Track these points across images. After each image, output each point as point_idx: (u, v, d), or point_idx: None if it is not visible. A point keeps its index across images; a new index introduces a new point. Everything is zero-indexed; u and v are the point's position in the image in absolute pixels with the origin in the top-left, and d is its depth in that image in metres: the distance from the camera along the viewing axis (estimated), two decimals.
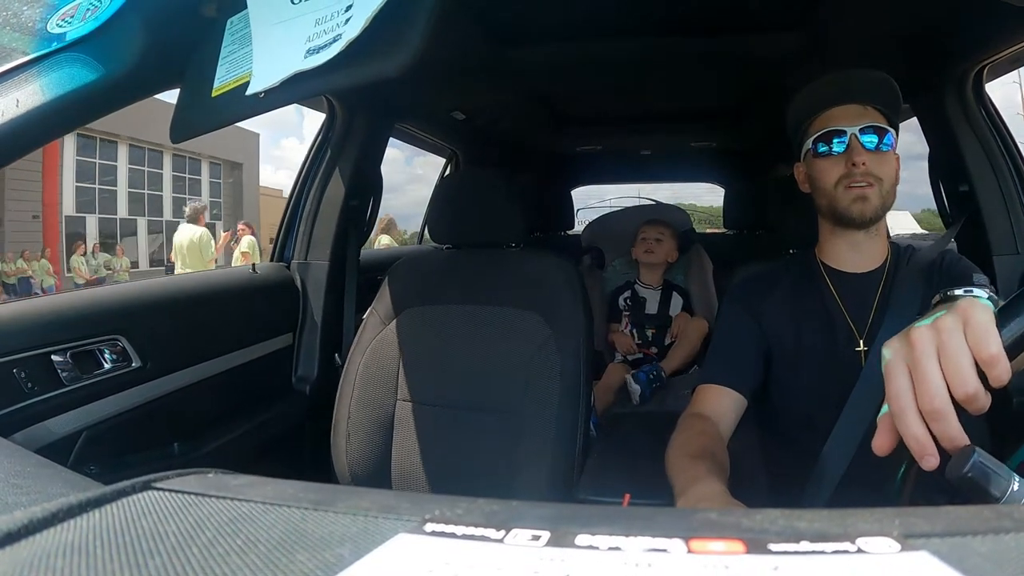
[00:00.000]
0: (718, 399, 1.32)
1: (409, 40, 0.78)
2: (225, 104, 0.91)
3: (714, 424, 1.27)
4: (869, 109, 1.31)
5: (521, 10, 1.84)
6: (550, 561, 0.30)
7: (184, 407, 1.65)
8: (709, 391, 1.34)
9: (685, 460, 1.12)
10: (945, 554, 0.30)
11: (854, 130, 1.29)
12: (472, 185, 1.86)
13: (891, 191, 1.31)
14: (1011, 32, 1.61)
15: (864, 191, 1.29)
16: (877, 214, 1.31)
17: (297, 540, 0.33)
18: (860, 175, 1.28)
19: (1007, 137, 1.93)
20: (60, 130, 0.94)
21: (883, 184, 1.29)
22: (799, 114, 1.41)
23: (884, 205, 1.31)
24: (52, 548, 0.31)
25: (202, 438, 1.68)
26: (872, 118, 1.30)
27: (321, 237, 2.24)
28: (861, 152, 1.28)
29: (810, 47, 1.97)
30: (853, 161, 1.28)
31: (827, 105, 1.35)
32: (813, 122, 1.37)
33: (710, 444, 1.18)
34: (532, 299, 1.66)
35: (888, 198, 1.31)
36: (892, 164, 1.31)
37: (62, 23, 0.88)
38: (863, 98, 1.32)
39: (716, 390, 1.33)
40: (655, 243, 2.99)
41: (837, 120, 1.32)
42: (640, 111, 3.30)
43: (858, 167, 1.28)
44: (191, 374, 1.68)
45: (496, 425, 1.63)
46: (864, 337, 1.31)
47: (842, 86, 1.35)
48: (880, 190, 1.29)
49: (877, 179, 1.29)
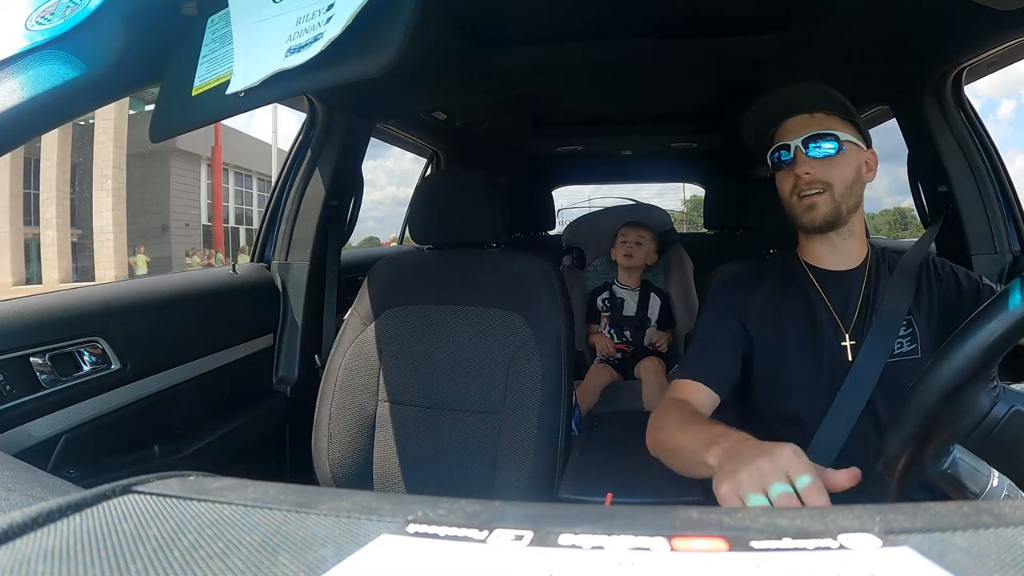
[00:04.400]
0: (695, 393, 1.33)
1: (390, 40, 0.78)
2: (206, 103, 0.91)
3: (696, 409, 1.28)
4: (817, 116, 1.34)
5: (502, 12, 1.84)
6: (533, 561, 0.30)
7: (164, 409, 1.64)
8: (685, 385, 1.35)
9: (697, 424, 1.14)
10: (926, 550, 0.30)
11: (797, 142, 1.33)
12: (453, 185, 1.86)
13: (847, 192, 1.33)
14: (989, 35, 1.63)
15: (813, 199, 1.32)
16: (828, 219, 1.33)
17: (279, 542, 0.33)
18: (806, 184, 1.32)
19: (985, 139, 1.95)
20: (39, 129, 0.93)
21: (835, 188, 1.31)
22: (756, 131, 1.45)
23: (838, 209, 1.33)
24: (32, 553, 0.31)
25: (182, 441, 1.67)
26: (819, 125, 1.33)
27: (302, 237, 2.22)
28: (804, 163, 1.31)
29: (789, 50, 1.98)
30: (797, 173, 1.32)
31: (778, 119, 1.38)
32: (772, 136, 1.40)
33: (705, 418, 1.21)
34: (513, 299, 1.66)
35: (844, 200, 1.33)
36: (845, 167, 1.32)
37: (41, 20, 0.87)
38: (809, 107, 1.35)
39: (693, 385, 1.34)
40: (635, 247, 2.99)
41: (785, 133, 1.36)
42: (621, 112, 3.31)
43: (802, 178, 1.32)
44: (171, 376, 1.67)
45: (478, 425, 1.62)
46: (850, 332, 1.32)
47: (785, 100, 1.38)
48: (832, 195, 1.32)
49: (827, 184, 1.31)
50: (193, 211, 23.24)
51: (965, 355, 0.72)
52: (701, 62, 2.24)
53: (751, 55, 2.08)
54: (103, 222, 18.75)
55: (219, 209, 23.76)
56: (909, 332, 1.31)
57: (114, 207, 18.91)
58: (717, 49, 2.08)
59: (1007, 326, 0.70)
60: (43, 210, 18.86)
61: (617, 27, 1.96)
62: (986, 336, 0.71)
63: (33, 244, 19.09)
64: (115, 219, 18.84)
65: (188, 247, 21.71)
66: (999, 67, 1.86)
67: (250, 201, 27.33)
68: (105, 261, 18.59)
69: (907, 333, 1.30)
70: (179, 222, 22.18)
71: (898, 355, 1.28)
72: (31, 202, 19.07)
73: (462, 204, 1.78)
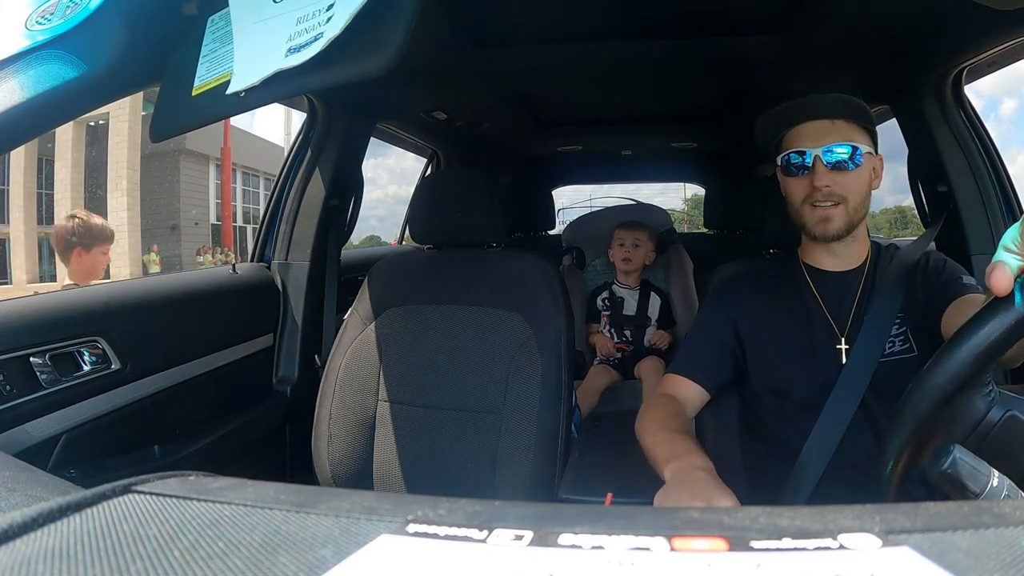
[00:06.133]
0: (684, 388, 1.37)
1: (390, 40, 0.78)
2: (206, 103, 0.91)
3: (682, 406, 1.33)
4: (838, 123, 1.31)
5: (502, 12, 1.84)
6: (533, 561, 0.30)
7: (165, 409, 1.64)
8: (676, 380, 1.39)
9: (670, 432, 1.17)
10: (926, 550, 0.30)
11: (817, 151, 1.29)
12: (453, 185, 1.86)
13: (860, 205, 1.32)
14: (989, 35, 1.62)
15: (828, 212, 1.30)
16: (841, 233, 1.32)
17: (279, 542, 0.33)
18: (823, 196, 1.29)
19: (985, 138, 1.95)
20: (39, 129, 0.93)
21: (849, 202, 1.30)
22: (767, 133, 1.42)
23: (851, 222, 1.32)
24: (32, 553, 0.31)
25: (182, 441, 1.67)
26: (839, 134, 1.30)
27: (302, 237, 2.22)
28: (824, 175, 1.28)
29: (789, 50, 1.98)
30: (815, 184, 1.29)
31: (795, 122, 1.35)
32: (784, 137, 1.37)
33: (687, 427, 1.25)
34: (512, 299, 1.66)
35: (857, 213, 1.32)
36: (860, 180, 1.31)
37: (41, 20, 0.87)
38: (830, 112, 1.32)
39: (682, 380, 1.38)
40: (633, 249, 2.98)
41: (803, 139, 1.32)
42: (621, 112, 3.30)
43: (820, 190, 1.29)
44: (171, 376, 1.67)
45: (477, 425, 1.62)
46: (845, 335, 1.32)
47: (807, 105, 1.35)
48: (846, 208, 1.30)
49: (842, 198, 1.30)
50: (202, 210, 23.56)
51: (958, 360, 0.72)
52: (701, 62, 2.23)
53: (751, 55, 2.08)
54: (118, 221, 18.95)
55: (228, 208, 23.97)
56: (902, 331, 1.30)
57: (128, 207, 19.14)
58: (717, 49, 2.08)
59: (1007, 326, 0.70)
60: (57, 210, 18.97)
61: (617, 27, 1.96)
62: (983, 338, 0.71)
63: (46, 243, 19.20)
64: (130, 219, 19.09)
65: (197, 246, 22.00)
66: (999, 67, 1.86)
67: (257, 200, 27.71)
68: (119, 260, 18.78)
69: (899, 332, 1.30)
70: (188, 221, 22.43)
71: (890, 354, 1.28)
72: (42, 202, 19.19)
73: (462, 204, 1.78)
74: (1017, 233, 0.66)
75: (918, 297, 1.31)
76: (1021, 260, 0.66)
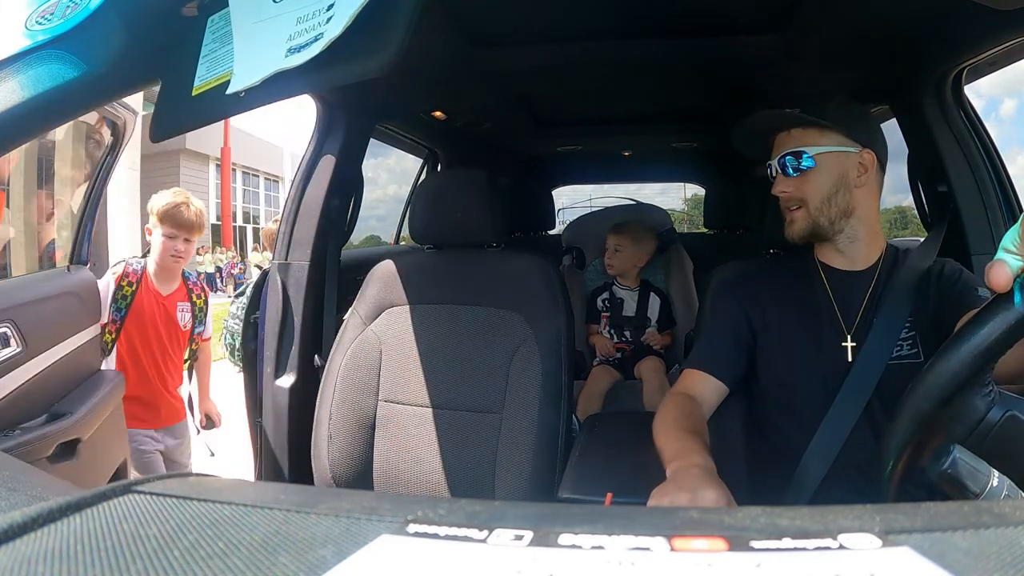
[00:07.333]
0: (702, 384, 1.37)
1: (391, 40, 0.78)
2: (206, 103, 0.90)
3: (699, 405, 1.32)
4: (794, 133, 1.36)
5: (502, 12, 1.84)
6: (533, 561, 0.30)
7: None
8: (694, 375, 1.39)
9: (679, 431, 1.17)
10: (926, 549, 0.30)
11: (774, 161, 1.38)
12: (453, 185, 1.86)
13: (824, 205, 1.34)
14: (989, 35, 1.62)
15: (792, 215, 1.39)
16: (804, 234, 1.38)
17: (279, 542, 0.33)
18: (784, 202, 1.38)
19: (985, 138, 1.94)
20: (39, 128, 0.93)
21: (809, 203, 1.35)
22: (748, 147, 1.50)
23: (815, 223, 1.36)
24: (33, 553, 0.31)
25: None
26: (794, 142, 1.36)
27: (301, 237, 2.22)
28: (780, 182, 1.38)
29: (789, 50, 1.98)
30: (774, 192, 1.38)
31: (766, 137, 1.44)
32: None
33: (700, 426, 1.24)
34: (512, 299, 1.66)
35: (822, 213, 1.35)
36: (817, 181, 1.34)
37: (42, 20, 0.87)
38: (786, 125, 1.38)
39: (700, 375, 1.38)
40: (614, 254, 3.01)
41: (773, 150, 1.41)
42: (620, 112, 3.30)
43: (781, 198, 1.38)
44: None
45: (478, 425, 1.63)
46: (852, 333, 1.33)
47: (765, 122, 1.43)
48: (807, 210, 1.35)
49: (802, 201, 1.35)
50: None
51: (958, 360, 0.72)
52: (701, 62, 2.23)
53: (751, 55, 2.08)
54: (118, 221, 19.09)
55: (227, 208, 24.13)
56: (911, 336, 1.30)
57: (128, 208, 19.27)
58: (717, 49, 2.08)
59: (1007, 326, 0.70)
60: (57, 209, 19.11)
61: (617, 27, 1.96)
62: (983, 338, 0.71)
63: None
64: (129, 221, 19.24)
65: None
66: (999, 67, 1.85)
67: (257, 200, 27.86)
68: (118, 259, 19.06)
69: (908, 336, 1.30)
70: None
71: (898, 358, 1.28)
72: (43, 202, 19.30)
73: (462, 204, 1.78)
74: (1017, 234, 0.66)
75: (930, 304, 1.32)
76: (1021, 260, 0.66)
